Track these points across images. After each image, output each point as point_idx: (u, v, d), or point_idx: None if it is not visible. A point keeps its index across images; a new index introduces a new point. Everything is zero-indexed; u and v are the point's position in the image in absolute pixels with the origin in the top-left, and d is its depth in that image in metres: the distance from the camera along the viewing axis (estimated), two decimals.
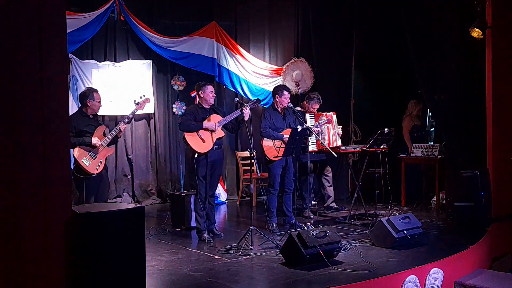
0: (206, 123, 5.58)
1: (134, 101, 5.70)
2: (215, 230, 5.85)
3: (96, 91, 5.60)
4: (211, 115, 5.68)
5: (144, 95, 5.79)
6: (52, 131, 3.03)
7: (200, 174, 5.58)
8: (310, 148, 6.29)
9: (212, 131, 5.59)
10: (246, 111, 5.54)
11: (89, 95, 5.48)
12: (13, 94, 2.91)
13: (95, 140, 5.37)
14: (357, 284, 4.07)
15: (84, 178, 5.25)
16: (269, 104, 7.41)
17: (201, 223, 5.65)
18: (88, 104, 5.45)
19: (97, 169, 5.36)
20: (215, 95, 5.78)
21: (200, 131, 5.55)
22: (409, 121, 7.99)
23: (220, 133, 5.66)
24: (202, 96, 5.68)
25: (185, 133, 5.54)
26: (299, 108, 6.99)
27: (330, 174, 7.42)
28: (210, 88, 5.69)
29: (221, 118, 5.69)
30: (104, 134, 5.48)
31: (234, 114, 5.67)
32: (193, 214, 6.17)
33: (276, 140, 6.08)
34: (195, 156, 5.52)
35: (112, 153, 5.81)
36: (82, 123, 5.41)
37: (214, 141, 5.60)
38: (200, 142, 5.54)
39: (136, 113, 5.80)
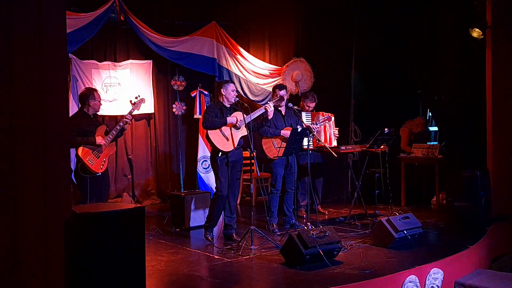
0: (229, 118, 5.47)
1: (130, 101, 5.73)
2: (234, 235, 5.67)
3: (95, 90, 5.64)
4: (235, 113, 5.57)
5: (139, 96, 5.82)
6: (52, 131, 3.03)
7: (222, 174, 5.47)
8: (305, 146, 6.27)
9: (236, 128, 5.48)
10: (270, 109, 5.50)
11: (90, 95, 5.50)
12: (13, 94, 2.91)
13: (99, 139, 5.39)
14: (357, 284, 4.07)
15: (88, 178, 5.26)
16: None
17: (231, 222, 5.61)
18: (90, 104, 5.47)
19: (101, 168, 5.38)
20: (236, 93, 5.65)
21: (224, 129, 5.44)
22: (408, 134, 8.00)
23: (243, 131, 5.54)
24: (224, 93, 5.53)
25: (208, 131, 5.43)
26: (296, 107, 6.97)
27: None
28: (232, 86, 5.58)
29: (244, 116, 5.55)
30: (105, 134, 5.49)
31: (258, 112, 5.58)
32: (189, 214, 6.16)
33: (275, 138, 6.08)
34: (219, 155, 5.42)
35: (113, 152, 5.83)
36: (84, 122, 5.42)
37: (238, 139, 5.53)
38: (224, 140, 5.44)
39: (132, 113, 5.79)
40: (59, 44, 3.11)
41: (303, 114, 6.69)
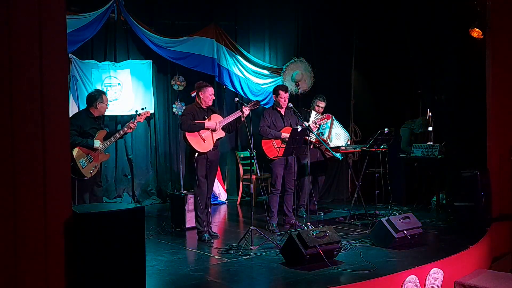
0: (207, 123, 5.57)
1: (136, 111, 5.75)
2: (210, 231, 5.80)
3: (104, 93, 5.68)
4: (212, 115, 5.68)
5: (145, 107, 5.86)
6: (52, 131, 3.03)
7: (200, 173, 5.57)
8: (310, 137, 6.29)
9: (213, 131, 5.58)
10: (246, 113, 5.52)
11: (98, 97, 5.52)
12: (13, 94, 2.91)
13: (97, 144, 5.37)
14: (357, 284, 4.07)
15: (76, 180, 5.23)
16: (270, 105, 7.43)
17: (201, 224, 5.64)
18: (97, 106, 5.48)
19: (90, 173, 5.35)
20: (214, 97, 5.76)
21: (201, 131, 5.55)
22: (409, 134, 8.01)
23: (220, 133, 5.66)
24: (201, 96, 5.65)
25: (186, 132, 5.54)
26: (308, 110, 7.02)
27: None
28: (210, 90, 5.67)
29: (221, 118, 5.69)
30: (104, 139, 5.49)
31: (235, 115, 5.66)
32: (188, 214, 6.17)
33: (275, 139, 6.09)
34: (195, 155, 5.52)
35: (107, 159, 5.82)
36: (88, 124, 5.42)
37: (215, 141, 5.60)
38: (201, 142, 5.53)
39: (136, 123, 5.77)
40: (59, 44, 3.10)
41: (313, 114, 6.73)
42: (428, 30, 6.89)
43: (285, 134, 6.04)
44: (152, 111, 8.01)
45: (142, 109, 5.82)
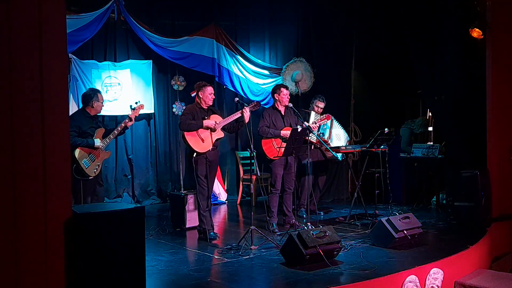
0: (206, 122, 5.57)
1: (130, 106, 5.74)
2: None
3: (99, 91, 5.65)
4: (211, 115, 5.68)
5: (139, 101, 5.84)
6: (52, 131, 3.03)
7: (200, 172, 5.57)
8: (311, 138, 6.30)
9: (212, 130, 5.58)
10: (247, 114, 5.53)
11: (94, 96, 5.50)
12: (13, 94, 2.91)
13: (98, 142, 5.36)
14: (357, 284, 4.07)
15: (81, 180, 5.23)
16: (270, 105, 7.42)
17: (206, 223, 5.64)
18: (93, 105, 5.47)
19: (94, 172, 5.35)
20: (214, 97, 5.77)
21: (200, 131, 5.55)
22: (409, 134, 8.02)
23: (219, 133, 5.66)
24: (201, 96, 5.67)
25: (185, 132, 5.54)
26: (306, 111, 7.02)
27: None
28: (210, 90, 5.68)
29: (221, 118, 5.69)
30: (103, 137, 5.48)
31: (235, 116, 5.66)
32: (188, 214, 6.16)
33: (274, 139, 6.09)
34: (194, 155, 5.52)
35: (108, 157, 5.83)
36: (85, 123, 5.41)
37: (214, 141, 5.60)
38: (200, 142, 5.53)
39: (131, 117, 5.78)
40: (59, 44, 3.10)
41: (313, 114, 6.74)
42: (428, 30, 6.89)
43: (284, 132, 6.04)
44: (152, 111, 8.03)
45: (136, 103, 5.80)
